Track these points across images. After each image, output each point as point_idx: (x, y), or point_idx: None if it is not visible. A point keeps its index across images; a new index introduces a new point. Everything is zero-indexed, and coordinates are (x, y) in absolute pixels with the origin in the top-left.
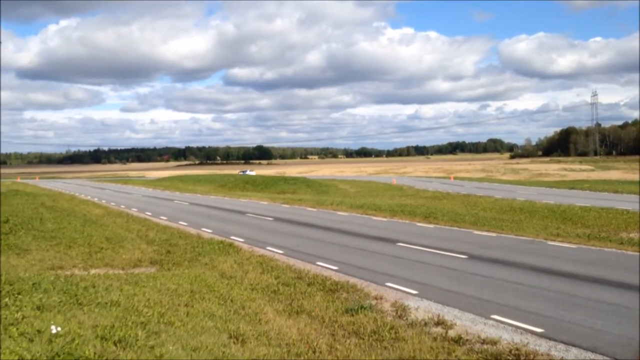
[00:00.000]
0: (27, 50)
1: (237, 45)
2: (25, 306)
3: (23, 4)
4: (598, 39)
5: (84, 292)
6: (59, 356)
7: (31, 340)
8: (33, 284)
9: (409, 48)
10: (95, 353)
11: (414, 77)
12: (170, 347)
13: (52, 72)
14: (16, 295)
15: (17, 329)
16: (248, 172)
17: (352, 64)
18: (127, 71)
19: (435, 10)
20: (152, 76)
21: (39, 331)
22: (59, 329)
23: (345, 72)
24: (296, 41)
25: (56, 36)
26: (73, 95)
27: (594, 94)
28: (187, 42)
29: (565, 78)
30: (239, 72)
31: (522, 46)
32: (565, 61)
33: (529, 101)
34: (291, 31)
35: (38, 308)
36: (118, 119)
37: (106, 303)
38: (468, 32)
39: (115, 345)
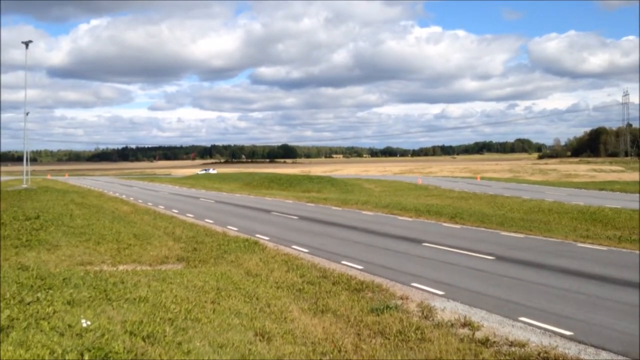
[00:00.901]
0: (58, 49)
1: (264, 45)
2: (57, 301)
3: (55, 4)
4: (631, 37)
5: (112, 288)
6: (89, 351)
7: (62, 335)
8: (64, 279)
9: (437, 47)
10: (124, 348)
11: (442, 76)
12: (198, 344)
13: (82, 70)
14: (47, 290)
15: (49, 323)
16: (210, 171)
17: (378, 63)
18: (155, 70)
19: (464, 9)
20: (179, 75)
21: (69, 325)
22: (88, 323)
23: (371, 71)
24: (323, 40)
25: (87, 35)
26: (102, 94)
27: (625, 94)
28: (215, 41)
29: (596, 77)
30: (266, 71)
31: (552, 45)
32: (596, 60)
33: (559, 101)
34: (318, 30)
35: (69, 303)
36: (146, 117)
37: (134, 299)
38: (497, 30)
39: (144, 340)
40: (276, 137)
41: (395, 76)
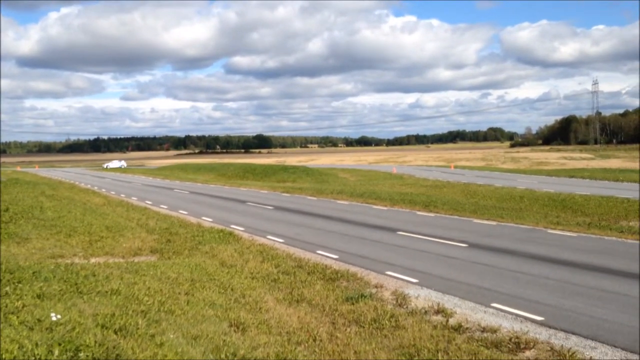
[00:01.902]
0: (27, 38)
1: (238, 34)
2: (26, 295)
3: None
4: (601, 26)
5: (84, 281)
6: (59, 344)
7: (31, 329)
8: (33, 272)
9: (411, 36)
10: (95, 341)
11: (416, 66)
12: (171, 336)
13: (53, 60)
14: (16, 284)
15: (18, 317)
16: (122, 165)
17: (354, 53)
18: (128, 59)
19: None
20: (153, 64)
21: (39, 320)
22: (59, 316)
23: (347, 61)
24: (298, 29)
25: (57, 24)
26: (73, 84)
27: (595, 82)
28: (189, 29)
29: (567, 66)
30: (240, 61)
31: (524, 34)
32: (567, 49)
33: (530, 90)
34: (293, 19)
35: (38, 296)
36: (118, 108)
37: (106, 292)
38: (471, 19)
39: (116, 333)
40: (251, 127)
41: (370, 66)
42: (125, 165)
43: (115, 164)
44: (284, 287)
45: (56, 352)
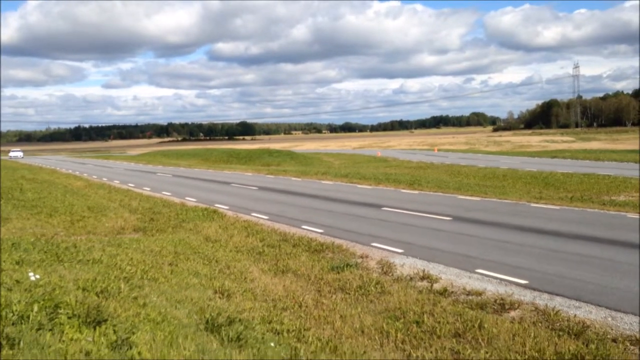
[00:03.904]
0: (6, 26)
1: (221, 19)
2: (5, 262)
3: None
4: (582, 10)
5: (65, 252)
6: (38, 302)
7: (10, 290)
8: (12, 244)
9: (395, 21)
10: (76, 301)
11: (400, 51)
12: (154, 299)
13: (33, 48)
14: None
15: None
16: (18, 155)
17: (338, 38)
18: (109, 46)
19: None
20: (134, 51)
21: (17, 281)
22: (37, 276)
23: (331, 46)
24: (282, 14)
25: (36, 11)
26: (54, 72)
27: (576, 66)
28: (171, 16)
29: (549, 50)
30: (224, 47)
31: (507, 18)
32: (550, 33)
33: (513, 74)
34: (277, 4)
35: (17, 263)
36: (100, 96)
37: (88, 260)
38: (454, 4)
39: (97, 295)
40: (235, 114)
41: (355, 51)
42: (22, 155)
43: (15, 154)
44: (269, 259)
45: (35, 308)
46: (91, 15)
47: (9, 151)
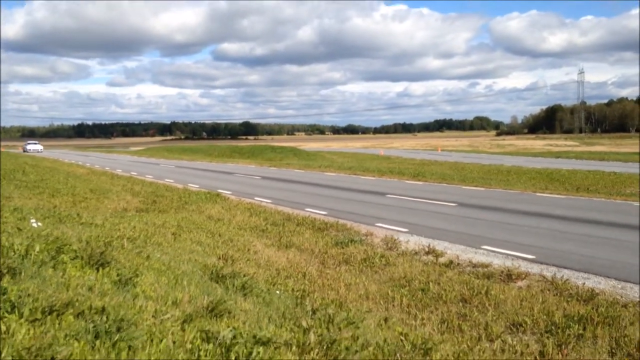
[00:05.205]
0: (12, 22)
1: (228, 20)
2: (6, 220)
3: None
4: (589, 17)
5: (67, 217)
6: (40, 244)
7: (11, 235)
8: (14, 209)
9: (402, 25)
10: (79, 247)
11: (405, 54)
12: (158, 255)
13: (39, 44)
14: None
15: None
16: (38, 148)
17: (344, 40)
18: (115, 44)
19: None
20: (140, 50)
21: (19, 229)
22: (39, 224)
23: (336, 48)
24: (288, 16)
25: (43, 8)
26: (59, 69)
27: (581, 72)
28: (178, 15)
29: (555, 56)
30: (229, 47)
31: (514, 24)
32: (556, 39)
33: (518, 79)
34: (284, 6)
35: (19, 220)
36: (104, 93)
37: (90, 224)
38: (461, 9)
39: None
40: (238, 114)
41: (360, 54)
42: (42, 149)
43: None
44: (272, 236)
45: (37, 248)
46: (98, 13)
47: (25, 144)
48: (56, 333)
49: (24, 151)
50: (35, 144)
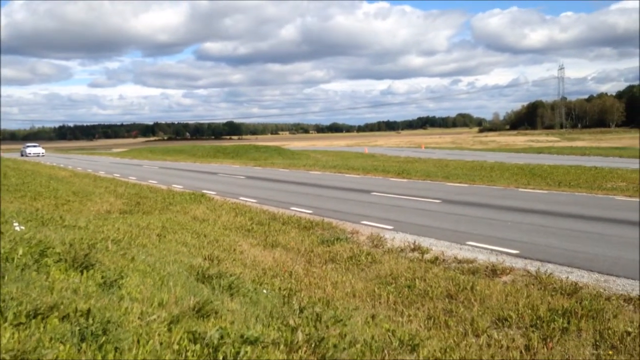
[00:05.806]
0: None
1: (210, 19)
2: None
3: None
4: (569, 13)
5: (50, 220)
6: (24, 247)
7: None
8: None
9: (384, 22)
10: (62, 249)
11: (388, 52)
12: (143, 257)
13: (18, 46)
14: None
15: None
16: (39, 151)
17: (327, 39)
18: (96, 45)
19: None
20: (122, 50)
21: (1, 232)
22: (22, 228)
23: (319, 47)
24: (271, 15)
25: (22, 9)
26: (39, 70)
27: (561, 68)
28: (160, 15)
29: (536, 53)
30: (212, 47)
31: (495, 21)
32: (536, 36)
33: (500, 76)
34: (266, 4)
35: (2, 223)
36: (85, 95)
37: (74, 226)
38: (442, 6)
39: (84, 250)
40: (222, 114)
41: (343, 52)
42: (42, 151)
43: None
44: (258, 235)
45: (20, 251)
46: (78, 14)
47: (24, 147)
48: (41, 336)
49: (22, 155)
50: (36, 146)
